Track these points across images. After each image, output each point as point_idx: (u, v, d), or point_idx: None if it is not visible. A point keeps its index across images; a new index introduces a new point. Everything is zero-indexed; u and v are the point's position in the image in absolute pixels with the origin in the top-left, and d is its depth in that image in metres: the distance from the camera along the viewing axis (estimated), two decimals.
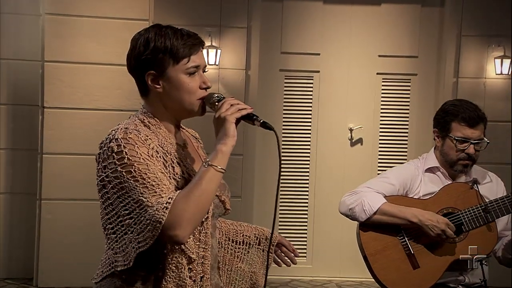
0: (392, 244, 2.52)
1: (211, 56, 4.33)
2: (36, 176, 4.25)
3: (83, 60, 4.23)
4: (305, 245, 4.71)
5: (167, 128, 1.70)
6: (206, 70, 1.72)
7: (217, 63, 4.37)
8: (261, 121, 1.65)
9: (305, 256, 4.70)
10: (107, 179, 1.58)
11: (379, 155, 4.72)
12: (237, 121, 1.62)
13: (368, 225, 2.54)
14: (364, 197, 2.54)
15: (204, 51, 4.29)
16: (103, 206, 1.63)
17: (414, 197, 2.59)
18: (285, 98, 4.67)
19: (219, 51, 4.35)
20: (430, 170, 2.63)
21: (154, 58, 1.64)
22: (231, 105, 1.62)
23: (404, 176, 2.62)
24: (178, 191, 1.57)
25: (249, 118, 1.64)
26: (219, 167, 1.57)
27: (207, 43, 4.34)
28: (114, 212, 1.59)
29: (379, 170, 4.64)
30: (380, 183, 2.61)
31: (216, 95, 1.68)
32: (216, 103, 1.66)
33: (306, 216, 4.71)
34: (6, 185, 4.46)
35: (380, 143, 4.72)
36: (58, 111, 4.23)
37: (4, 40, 4.40)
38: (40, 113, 4.23)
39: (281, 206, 4.66)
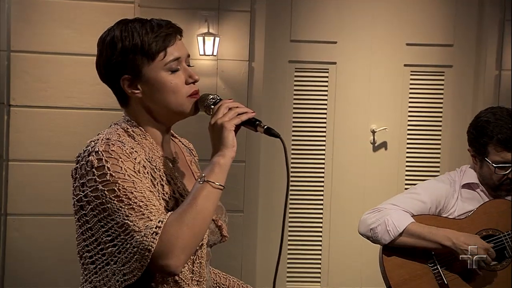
0: (421, 273, 2.54)
1: (208, 45, 4.33)
2: (1, 187, 4.25)
3: (56, 50, 4.23)
4: (319, 268, 4.71)
5: (154, 138, 1.71)
6: (191, 65, 1.73)
7: (215, 53, 4.37)
8: (265, 127, 1.65)
9: (319, 282, 4.71)
10: (86, 199, 1.59)
11: (407, 161, 4.72)
12: (237, 127, 1.63)
13: (393, 249, 2.55)
14: (388, 215, 2.55)
15: (200, 38, 4.32)
16: (80, 231, 1.63)
17: (449, 216, 2.60)
18: (295, 94, 4.67)
19: (217, 39, 4.36)
20: (468, 186, 2.64)
21: (125, 60, 1.66)
22: (229, 108, 1.63)
23: (438, 193, 2.63)
24: (169, 212, 1.57)
25: (251, 123, 1.65)
26: (216, 183, 1.58)
27: (203, 30, 4.35)
28: (94, 238, 1.59)
29: (406, 180, 4.66)
30: (409, 200, 2.62)
31: (211, 97, 1.69)
32: (212, 107, 1.66)
33: (320, 235, 4.71)
34: None
35: (408, 148, 4.72)
36: (27, 110, 4.23)
37: None
38: (5, 113, 4.23)
39: (290, 223, 4.67)
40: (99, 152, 1.58)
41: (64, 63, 4.25)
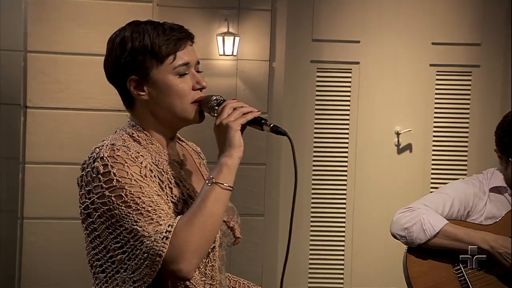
0: (447, 279, 2.52)
1: (227, 45, 4.33)
2: (17, 190, 4.27)
3: (73, 51, 4.24)
4: (342, 273, 4.69)
5: (160, 143, 1.72)
6: (200, 71, 1.72)
7: (234, 53, 4.37)
8: (271, 125, 1.66)
9: (342, 287, 4.69)
10: (93, 206, 1.60)
11: (433, 164, 4.68)
12: (243, 127, 1.63)
13: (418, 255, 2.55)
14: (423, 214, 2.54)
15: (219, 38, 4.32)
16: (89, 239, 1.65)
17: (476, 220, 2.59)
18: (317, 95, 4.65)
19: (237, 38, 4.36)
20: (496, 189, 2.62)
21: (133, 60, 1.68)
22: (234, 108, 1.64)
23: (467, 192, 2.62)
24: (179, 216, 1.57)
25: (257, 122, 1.65)
26: (225, 184, 1.59)
27: (223, 29, 4.34)
28: (103, 246, 1.60)
29: (432, 183, 4.62)
30: (439, 200, 2.61)
31: (215, 98, 1.69)
32: (216, 107, 1.67)
33: (343, 239, 4.69)
34: None
35: (433, 150, 4.68)
36: (43, 112, 4.24)
37: None
38: (22, 114, 4.23)
39: (312, 227, 4.65)
40: (105, 158, 1.60)
41: (82, 64, 4.26)
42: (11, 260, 4.36)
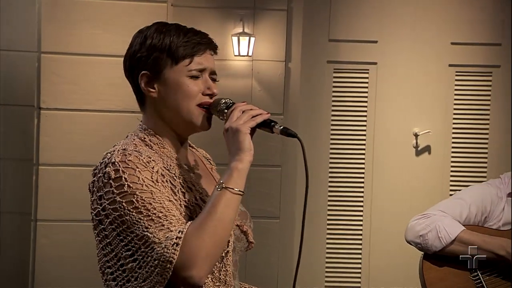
0: (464, 286, 2.51)
1: (242, 45, 4.32)
2: (31, 192, 4.28)
3: (87, 51, 4.25)
4: (359, 277, 4.70)
5: (171, 147, 1.72)
6: (216, 80, 1.72)
7: (250, 53, 4.36)
8: (281, 127, 1.65)
9: None
10: (104, 213, 1.60)
11: (452, 167, 4.65)
12: (252, 130, 1.63)
13: (434, 261, 2.53)
14: (439, 221, 2.53)
15: (234, 39, 4.32)
16: (100, 246, 1.66)
17: (493, 226, 2.58)
18: (334, 96, 4.64)
19: (252, 39, 4.36)
20: None
21: (149, 56, 1.69)
22: (243, 111, 1.64)
23: (484, 198, 2.60)
24: (189, 222, 1.56)
25: (266, 125, 1.65)
26: (236, 189, 1.59)
27: (238, 29, 4.34)
28: (114, 253, 1.61)
29: (451, 186, 4.58)
30: (455, 206, 2.60)
31: (223, 101, 1.69)
32: (225, 111, 1.67)
33: (360, 243, 4.68)
34: None
35: (453, 152, 4.65)
36: (58, 113, 4.25)
37: None
38: (36, 116, 4.24)
39: (328, 230, 4.63)
40: (116, 163, 1.60)
41: (96, 65, 4.26)
42: (25, 262, 4.37)
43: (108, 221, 1.60)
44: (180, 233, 1.53)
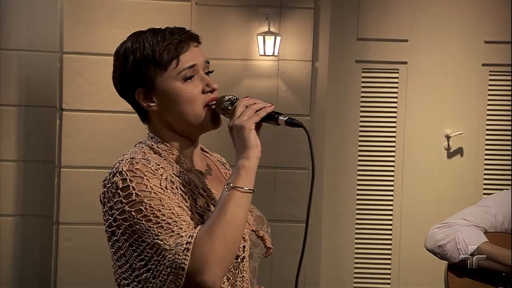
0: None
1: (268, 45, 4.31)
2: (53, 195, 4.31)
3: (110, 52, 4.21)
4: (389, 283, 4.66)
5: (182, 153, 1.71)
6: (211, 70, 1.70)
7: (276, 53, 4.35)
8: (286, 118, 1.63)
9: None
10: (115, 224, 1.60)
11: (485, 169, 4.62)
12: (257, 125, 1.61)
13: (459, 269, 2.51)
14: (459, 231, 2.51)
15: (260, 38, 4.31)
16: (115, 257, 1.64)
17: None
18: (362, 96, 4.62)
19: (278, 38, 4.34)
20: None
21: (137, 72, 1.68)
22: (246, 107, 1.62)
23: (510, 205, 2.59)
24: (199, 226, 1.55)
25: (271, 118, 1.64)
26: (245, 187, 1.57)
27: (264, 28, 4.32)
28: (128, 265, 1.60)
29: (485, 189, 4.54)
30: (479, 214, 2.57)
31: (227, 98, 1.68)
32: (229, 108, 1.66)
33: (389, 247, 4.65)
34: (16, 206, 4.52)
35: (486, 154, 4.62)
36: (79, 114, 4.27)
37: (15, 27, 4.47)
38: (58, 117, 4.27)
39: (357, 234, 4.61)
40: (123, 172, 1.60)
41: None
42: (47, 265, 4.40)
43: (120, 232, 1.60)
44: (190, 238, 1.53)
